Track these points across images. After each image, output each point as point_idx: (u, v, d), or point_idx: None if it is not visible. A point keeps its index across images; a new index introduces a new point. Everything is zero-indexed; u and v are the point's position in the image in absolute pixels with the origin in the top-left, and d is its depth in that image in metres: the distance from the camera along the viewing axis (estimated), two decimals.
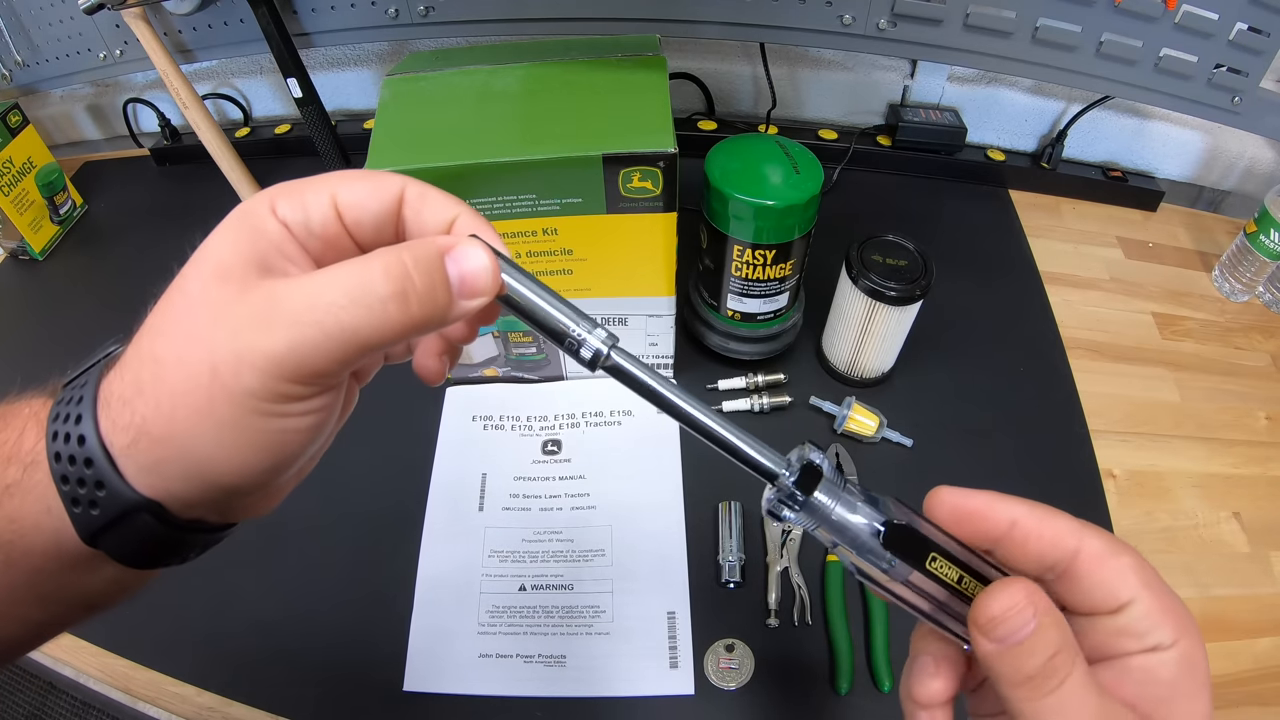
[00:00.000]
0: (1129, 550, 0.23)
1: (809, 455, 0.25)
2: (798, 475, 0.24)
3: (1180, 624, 0.22)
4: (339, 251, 0.24)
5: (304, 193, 0.23)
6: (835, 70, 0.86)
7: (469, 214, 0.25)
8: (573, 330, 0.24)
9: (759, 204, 0.52)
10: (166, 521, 0.21)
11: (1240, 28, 0.67)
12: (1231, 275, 0.74)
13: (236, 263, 0.21)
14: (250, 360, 0.20)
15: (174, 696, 0.49)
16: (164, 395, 0.20)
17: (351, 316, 0.20)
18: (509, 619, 0.52)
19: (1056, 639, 0.22)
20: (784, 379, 0.63)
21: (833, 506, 0.24)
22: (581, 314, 0.25)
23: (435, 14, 0.75)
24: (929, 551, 0.23)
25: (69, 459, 0.21)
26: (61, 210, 0.82)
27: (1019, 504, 0.24)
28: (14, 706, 1.12)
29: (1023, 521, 0.24)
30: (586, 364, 0.24)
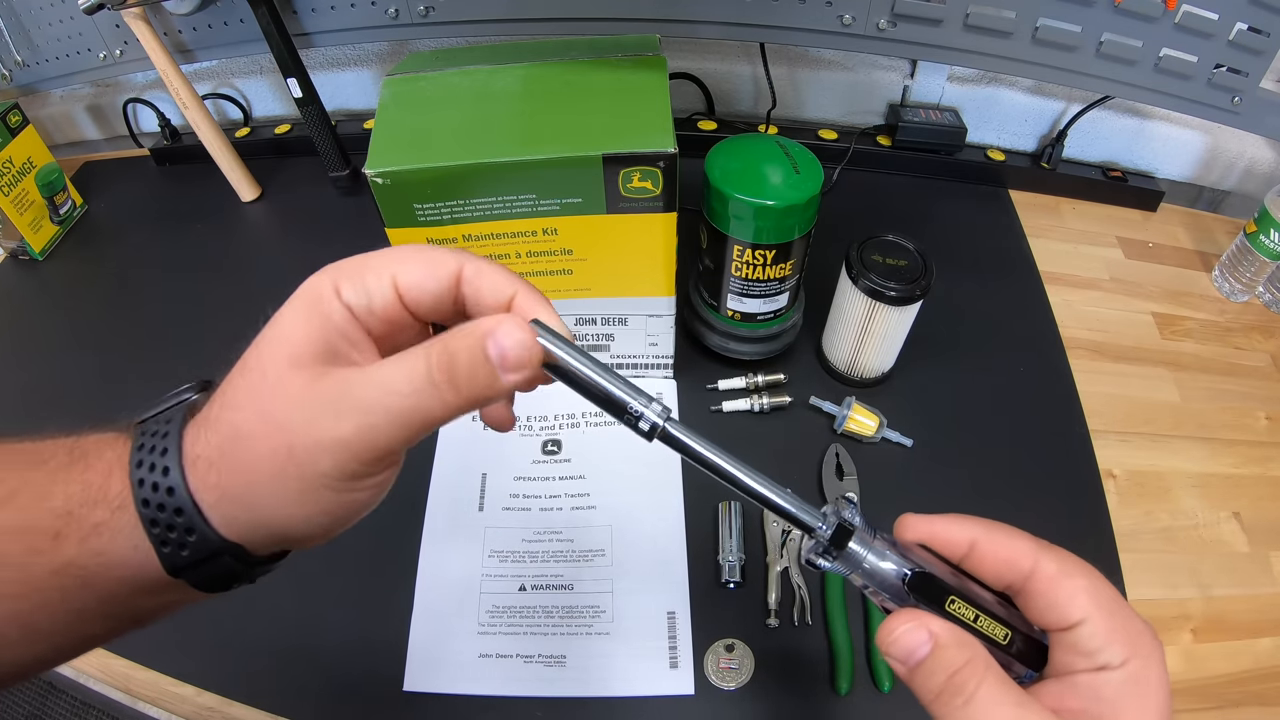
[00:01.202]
0: (1084, 571, 0.25)
1: (843, 514, 0.28)
2: (834, 530, 0.27)
3: (1133, 645, 0.23)
4: (398, 326, 0.26)
5: (365, 275, 0.25)
6: (835, 70, 0.86)
7: (525, 291, 0.27)
8: (631, 404, 0.27)
9: (759, 204, 0.52)
10: (244, 560, 0.25)
11: (1240, 28, 0.67)
12: (1231, 275, 0.74)
13: (308, 351, 0.24)
14: (325, 446, 0.23)
15: (174, 696, 0.49)
16: (244, 468, 0.23)
17: (412, 403, 0.23)
18: (509, 619, 0.52)
19: (956, 658, 0.24)
20: (784, 379, 0.63)
21: (865, 556, 0.27)
22: (638, 389, 0.28)
23: (435, 14, 0.75)
24: (948, 595, 0.26)
25: (158, 506, 0.23)
26: (61, 210, 0.82)
27: (977, 525, 0.27)
28: (14, 706, 1.12)
29: (981, 542, 0.26)
30: (644, 435, 0.28)
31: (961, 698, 0.23)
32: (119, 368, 0.68)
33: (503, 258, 0.52)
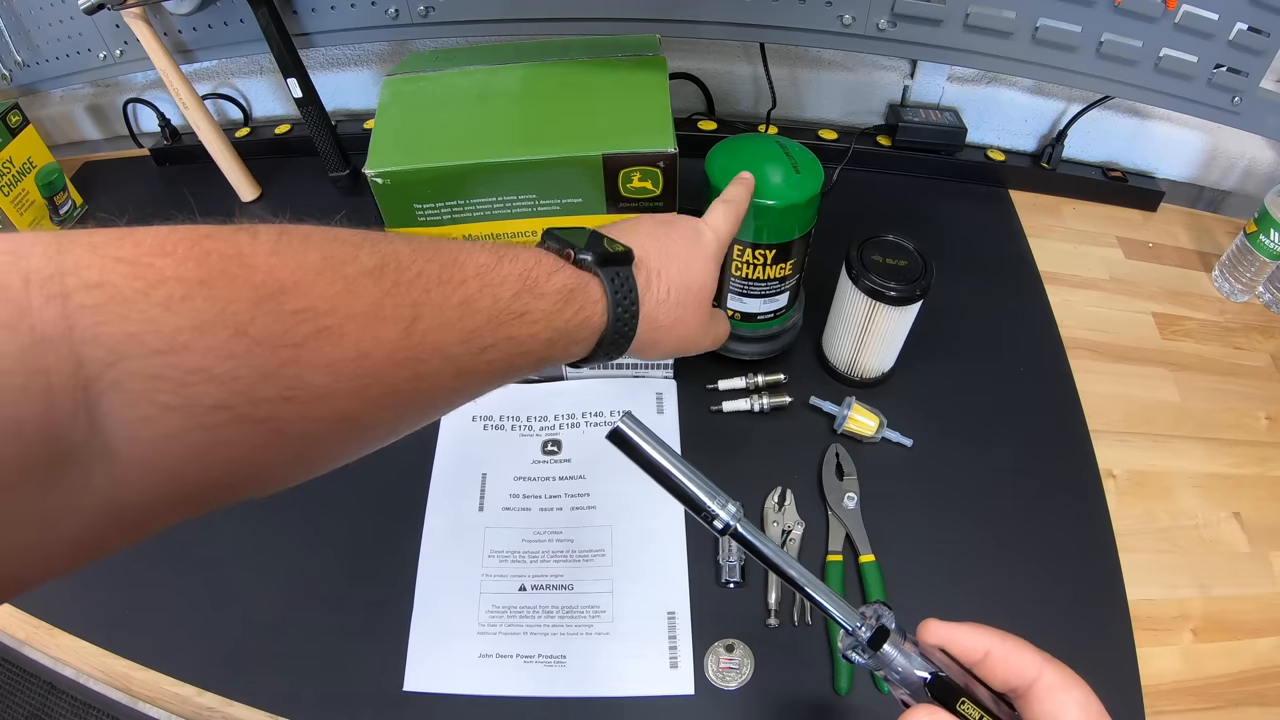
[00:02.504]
0: (1079, 687, 0.29)
1: (881, 619, 0.31)
2: (873, 634, 0.31)
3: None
4: None
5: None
6: (835, 70, 0.86)
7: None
8: (709, 505, 0.33)
9: (759, 204, 0.52)
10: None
11: (1240, 28, 0.67)
12: (1231, 275, 0.74)
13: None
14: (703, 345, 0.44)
15: (174, 696, 0.49)
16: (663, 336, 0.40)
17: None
18: (509, 619, 0.52)
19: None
20: (784, 379, 0.63)
21: (895, 657, 0.31)
22: (716, 489, 0.33)
23: (435, 14, 0.75)
24: (959, 697, 0.30)
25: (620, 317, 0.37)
26: (61, 210, 0.82)
27: (993, 636, 0.30)
28: (14, 706, 1.12)
29: (994, 652, 0.30)
30: (718, 532, 0.33)
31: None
32: None
33: None
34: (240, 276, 0.22)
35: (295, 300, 0.23)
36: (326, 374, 0.24)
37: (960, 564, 0.54)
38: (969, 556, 0.54)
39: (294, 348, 0.23)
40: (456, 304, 0.29)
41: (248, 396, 0.22)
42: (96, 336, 0.19)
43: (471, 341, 0.30)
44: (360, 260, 0.27)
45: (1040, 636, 0.30)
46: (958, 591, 0.53)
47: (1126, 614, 0.52)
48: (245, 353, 0.22)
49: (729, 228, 0.45)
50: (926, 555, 0.54)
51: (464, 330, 0.29)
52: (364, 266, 0.27)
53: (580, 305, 0.35)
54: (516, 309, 0.32)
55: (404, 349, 0.27)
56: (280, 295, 0.23)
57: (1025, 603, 0.52)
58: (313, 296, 0.24)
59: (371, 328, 0.26)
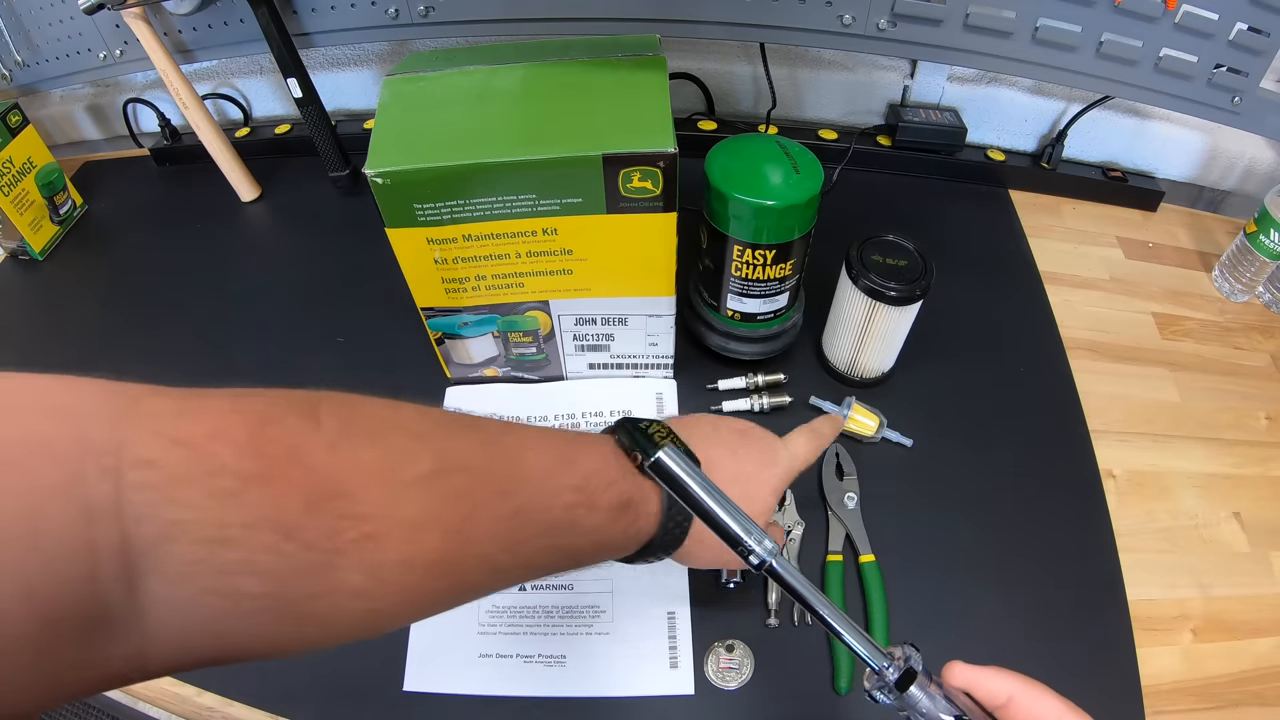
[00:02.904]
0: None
1: (912, 661, 0.31)
2: (901, 675, 0.31)
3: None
4: None
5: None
6: (835, 70, 0.86)
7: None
8: (746, 540, 0.33)
9: (759, 204, 0.52)
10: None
11: (1240, 28, 0.67)
12: (1231, 275, 0.74)
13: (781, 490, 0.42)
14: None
15: (174, 696, 0.49)
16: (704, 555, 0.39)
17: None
18: (509, 619, 0.52)
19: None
20: (784, 379, 0.63)
21: (920, 699, 0.31)
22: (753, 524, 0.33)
23: (435, 14, 0.75)
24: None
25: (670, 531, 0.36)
26: (61, 210, 0.82)
27: (1017, 681, 0.30)
28: None
29: (1017, 698, 0.30)
30: (754, 568, 0.33)
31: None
32: (119, 368, 0.67)
33: (503, 258, 0.52)
34: (296, 478, 0.23)
35: (345, 505, 0.24)
36: (366, 576, 0.24)
37: (960, 564, 0.54)
38: (969, 556, 0.54)
39: (336, 552, 0.23)
40: (508, 515, 0.29)
41: (284, 592, 0.23)
42: (146, 516, 0.20)
43: (518, 551, 0.30)
44: (418, 463, 0.27)
45: (1040, 636, 0.30)
46: (958, 592, 0.52)
47: (1126, 614, 0.52)
48: (290, 554, 0.22)
49: (807, 456, 0.43)
50: (926, 555, 0.54)
51: (512, 541, 0.30)
52: (421, 470, 0.27)
53: (634, 518, 0.34)
54: (569, 520, 0.32)
55: (448, 558, 0.27)
56: (332, 499, 0.23)
57: (1025, 602, 0.52)
58: (362, 502, 0.24)
59: (417, 535, 0.26)
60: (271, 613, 0.23)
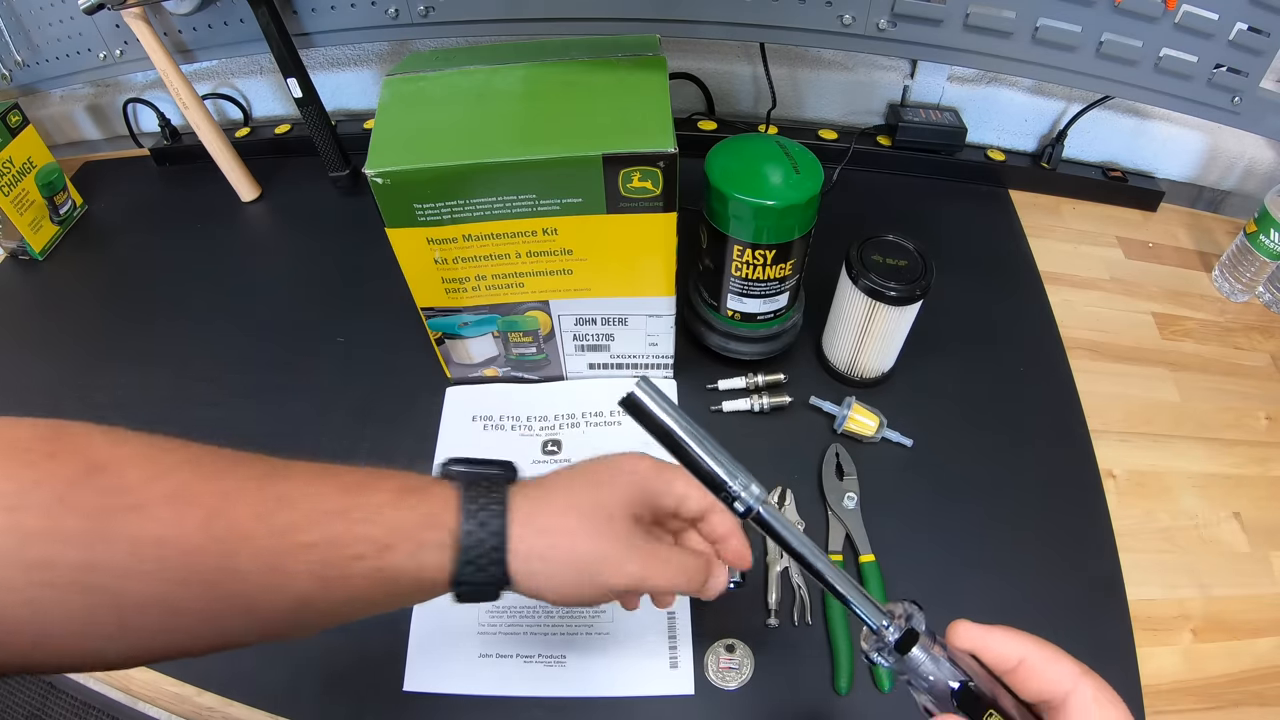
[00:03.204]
0: (1115, 705, 0.27)
1: (912, 619, 0.29)
2: (902, 635, 0.29)
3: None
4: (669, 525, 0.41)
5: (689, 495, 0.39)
6: (835, 70, 0.86)
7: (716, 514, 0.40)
8: (731, 485, 0.30)
9: (759, 204, 0.52)
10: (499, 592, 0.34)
11: (1240, 28, 0.67)
12: (1231, 275, 0.74)
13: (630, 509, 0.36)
14: (623, 574, 0.35)
15: (174, 696, 0.49)
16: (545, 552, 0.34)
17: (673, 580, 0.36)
18: (509, 619, 0.52)
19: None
20: (784, 379, 0.63)
21: (923, 660, 0.29)
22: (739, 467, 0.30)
23: (435, 14, 0.75)
24: (986, 709, 0.28)
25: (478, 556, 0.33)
26: (61, 210, 0.82)
27: (1028, 643, 0.29)
28: (14, 706, 1.12)
29: (1029, 660, 0.28)
30: (739, 514, 0.30)
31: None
32: (119, 368, 0.68)
33: (503, 258, 0.52)
34: (78, 454, 0.26)
35: (110, 478, 0.26)
36: (129, 552, 0.26)
37: (960, 564, 0.54)
38: (969, 556, 0.54)
39: (101, 521, 0.25)
40: (273, 497, 0.29)
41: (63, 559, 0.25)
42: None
43: (287, 536, 0.29)
44: (189, 450, 0.29)
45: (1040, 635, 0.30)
46: (958, 591, 0.52)
47: (1126, 614, 0.52)
48: (61, 516, 0.25)
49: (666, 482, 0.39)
50: (926, 555, 0.54)
51: (278, 524, 0.29)
52: (189, 455, 0.29)
53: (420, 501, 0.32)
54: (341, 505, 0.30)
55: (207, 535, 0.27)
56: (99, 472, 0.26)
57: (1025, 602, 0.52)
58: (127, 477, 0.26)
59: (174, 510, 0.27)
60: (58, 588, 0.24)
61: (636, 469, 0.37)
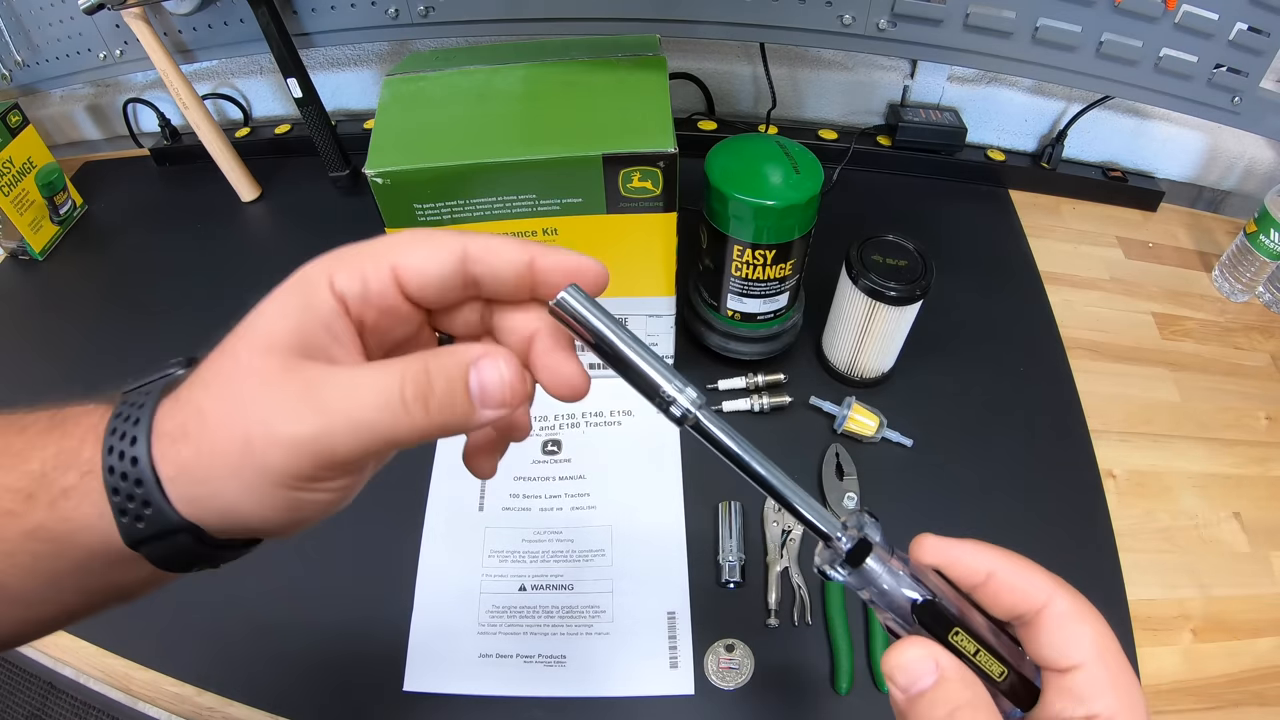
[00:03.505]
0: (1093, 617, 0.25)
1: (865, 529, 0.27)
2: (854, 545, 0.27)
3: (1125, 701, 0.23)
4: (397, 318, 0.25)
5: (363, 264, 0.24)
6: (835, 70, 0.86)
7: (546, 253, 0.26)
8: (665, 389, 0.26)
9: (759, 204, 0.52)
10: (203, 541, 0.24)
11: (1240, 28, 0.67)
12: (1231, 275, 0.74)
13: (285, 340, 0.23)
14: (279, 441, 0.22)
15: (174, 696, 0.49)
16: (204, 449, 0.22)
17: (375, 418, 0.22)
18: (509, 619, 0.52)
19: (960, 695, 0.24)
20: (784, 379, 0.63)
21: (879, 574, 0.27)
22: (673, 370, 0.26)
23: (435, 14, 0.75)
24: (952, 626, 0.26)
25: (121, 475, 0.23)
26: (61, 210, 0.82)
27: (997, 555, 0.26)
28: (14, 707, 1.12)
29: (999, 573, 0.26)
30: (675, 421, 0.26)
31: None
32: (119, 368, 0.68)
33: None
34: None
35: None
36: None
37: None
38: None
39: None
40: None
41: None
42: None
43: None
44: None
45: None
46: None
47: (1126, 614, 0.52)
48: None
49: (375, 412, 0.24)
50: None
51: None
52: None
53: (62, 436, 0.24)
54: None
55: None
56: None
57: None
58: None
59: None
60: None
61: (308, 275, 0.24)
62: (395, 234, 0.25)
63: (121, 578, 0.25)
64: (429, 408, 0.23)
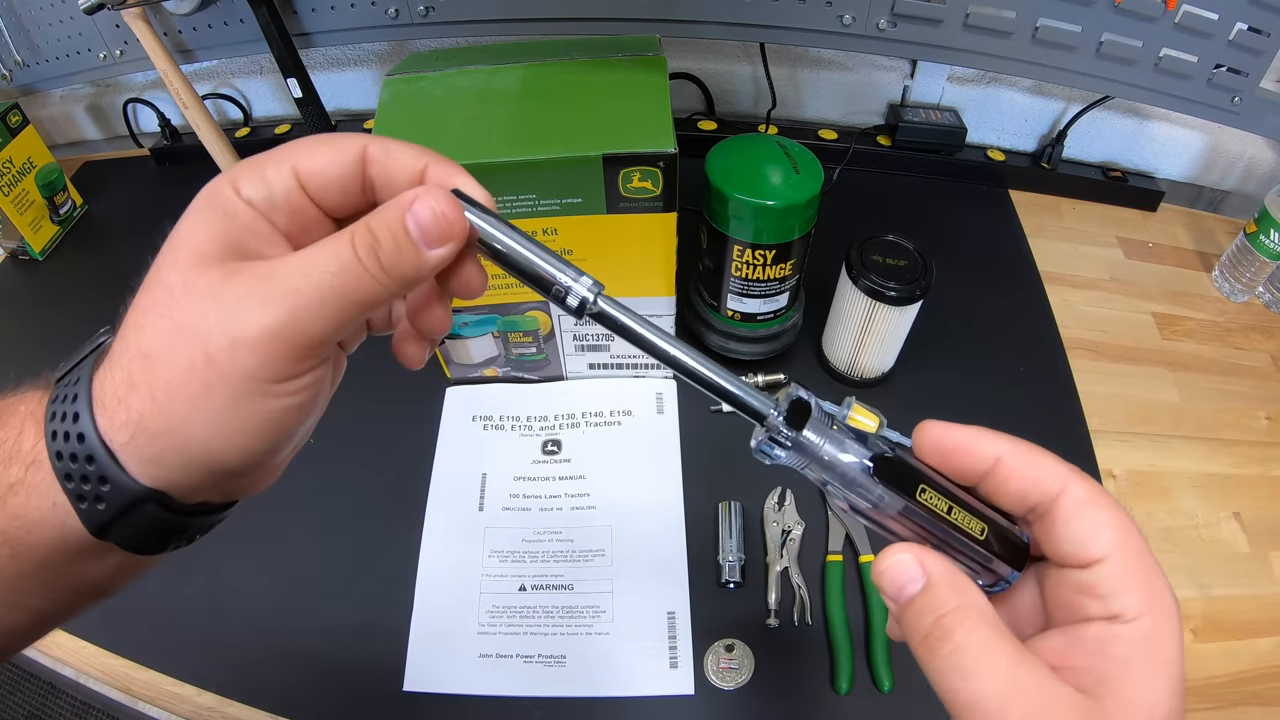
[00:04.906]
0: (1112, 505, 0.22)
1: (797, 393, 0.25)
2: (786, 413, 0.24)
3: (1152, 596, 0.21)
4: (308, 223, 0.24)
5: (264, 169, 0.23)
6: (835, 70, 0.86)
7: (439, 162, 0.25)
8: (560, 279, 0.24)
9: (759, 204, 0.52)
10: (171, 508, 0.22)
11: (1240, 28, 0.67)
12: (1231, 275, 0.74)
13: (213, 249, 0.22)
14: (248, 340, 0.20)
15: (174, 696, 0.49)
16: (158, 390, 0.21)
17: (343, 280, 0.21)
18: (509, 619, 0.52)
19: (948, 600, 0.21)
20: (784, 379, 0.63)
21: (822, 444, 0.24)
22: (567, 262, 0.24)
23: (435, 14, 0.75)
24: (919, 483, 0.24)
25: (70, 457, 0.21)
26: (61, 210, 0.82)
27: (1005, 441, 0.24)
28: (14, 707, 1.12)
29: (1007, 459, 0.24)
30: (573, 311, 0.24)
31: (949, 644, 0.21)
32: None
33: None
34: None
35: None
36: None
37: None
38: None
39: None
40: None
41: None
42: None
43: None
44: None
45: None
46: None
47: None
48: None
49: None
50: None
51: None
52: None
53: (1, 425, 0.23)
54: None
55: None
56: None
57: None
58: None
59: None
60: None
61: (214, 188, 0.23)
62: (299, 139, 0.24)
63: (89, 572, 0.23)
64: (384, 264, 0.22)
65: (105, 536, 0.22)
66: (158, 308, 0.21)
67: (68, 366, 0.24)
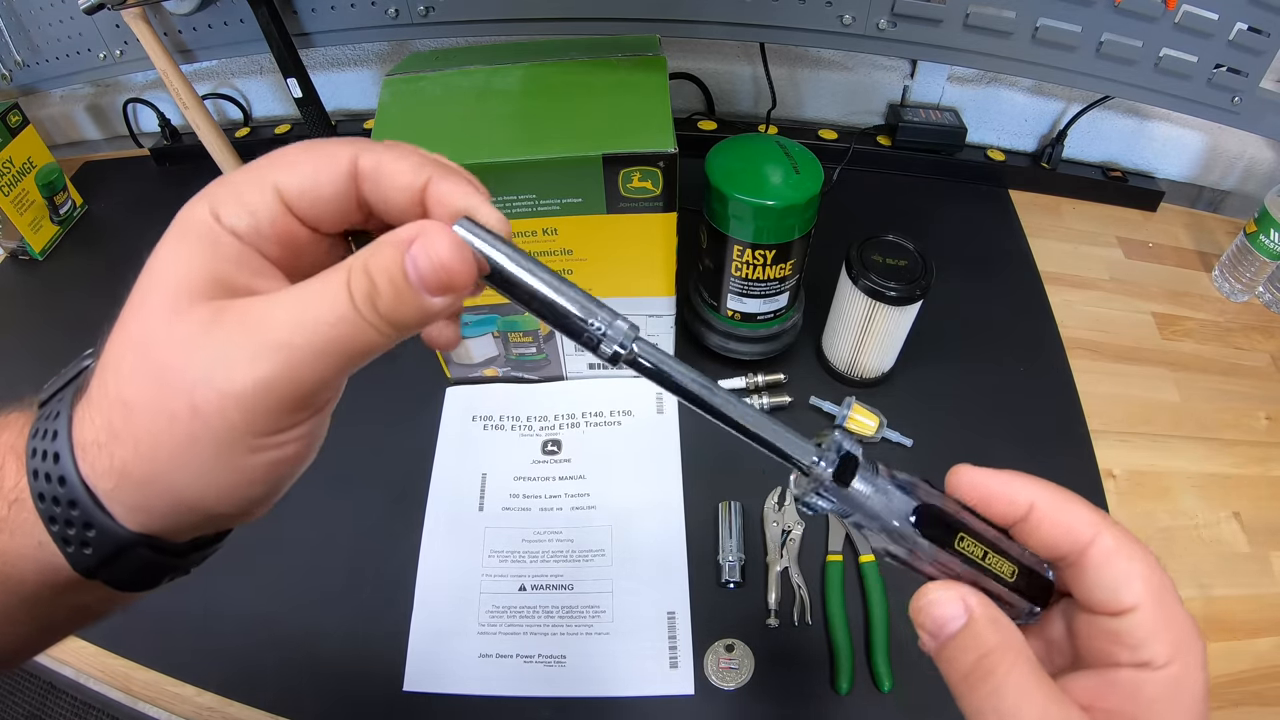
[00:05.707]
0: (1143, 554, 0.23)
1: (845, 447, 0.24)
2: (836, 466, 0.24)
3: (1181, 644, 0.21)
4: (299, 246, 0.22)
5: (244, 192, 0.21)
6: (835, 70, 0.86)
7: (441, 177, 0.22)
8: (591, 324, 0.22)
9: (759, 204, 0.52)
10: (162, 549, 0.21)
11: (1240, 28, 0.67)
12: (1231, 275, 0.74)
13: (196, 285, 0.20)
14: (236, 394, 0.19)
15: (174, 696, 0.49)
16: (141, 440, 0.19)
17: (340, 331, 0.19)
18: (509, 619, 0.52)
19: (989, 638, 0.22)
20: (784, 379, 0.63)
21: (869, 495, 0.24)
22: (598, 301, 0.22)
23: (435, 14, 0.75)
24: (958, 532, 0.24)
25: (53, 500, 0.20)
26: (61, 210, 0.82)
27: (1038, 486, 0.24)
28: (14, 707, 1.12)
29: (1040, 505, 0.24)
30: (607, 360, 0.22)
31: (989, 684, 0.21)
32: None
33: None
34: None
35: None
36: None
37: None
38: None
39: None
40: None
41: None
42: None
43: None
44: None
45: None
46: None
47: None
48: None
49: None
50: None
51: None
52: None
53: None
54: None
55: None
56: None
57: None
58: None
59: None
60: None
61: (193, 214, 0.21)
62: (280, 149, 0.21)
63: (82, 601, 0.22)
64: (382, 312, 0.19)
65: (94, 577, 0.21)
66: (136, 350, 0.20)
67: (49, 393, 0.22)
